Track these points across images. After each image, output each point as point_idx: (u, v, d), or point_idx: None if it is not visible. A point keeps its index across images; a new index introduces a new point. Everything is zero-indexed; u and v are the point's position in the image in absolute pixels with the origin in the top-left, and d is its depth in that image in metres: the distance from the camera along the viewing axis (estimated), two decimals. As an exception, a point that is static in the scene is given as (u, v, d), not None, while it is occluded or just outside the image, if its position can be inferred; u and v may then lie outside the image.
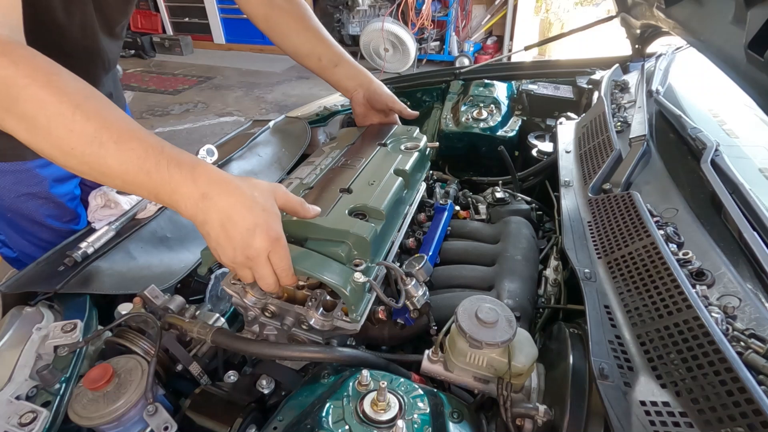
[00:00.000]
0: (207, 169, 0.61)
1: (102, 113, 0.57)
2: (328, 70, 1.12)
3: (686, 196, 0.89)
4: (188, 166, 0.59)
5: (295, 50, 1.10)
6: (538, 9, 5.96)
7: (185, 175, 0.58)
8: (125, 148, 0.56)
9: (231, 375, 0.76)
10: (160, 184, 0.58)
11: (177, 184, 0.58)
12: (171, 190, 0.59)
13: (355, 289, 0.70)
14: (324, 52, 1.10)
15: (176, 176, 0.58)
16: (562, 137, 1.30)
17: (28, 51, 0.58)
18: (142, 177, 0.57)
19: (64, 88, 0.56)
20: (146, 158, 0.57)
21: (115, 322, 0.73)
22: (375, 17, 5.89)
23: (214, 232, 0.60)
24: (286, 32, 1.08)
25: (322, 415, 0.57)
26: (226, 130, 4.35)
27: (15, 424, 0.58)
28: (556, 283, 0.95)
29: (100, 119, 0.56)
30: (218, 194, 0.59)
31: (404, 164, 0.97)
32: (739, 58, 0.77)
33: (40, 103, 0.54)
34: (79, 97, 0.56)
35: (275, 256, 0.63)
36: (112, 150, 0.56)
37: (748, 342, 0.58)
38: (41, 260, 0.87)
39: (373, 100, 1.14)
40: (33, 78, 0.54)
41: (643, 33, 1.58)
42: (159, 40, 7.20)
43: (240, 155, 1.25)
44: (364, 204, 0.83)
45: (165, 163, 0.58)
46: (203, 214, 0.60)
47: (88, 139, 0.55)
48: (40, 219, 1.08)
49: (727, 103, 1.28)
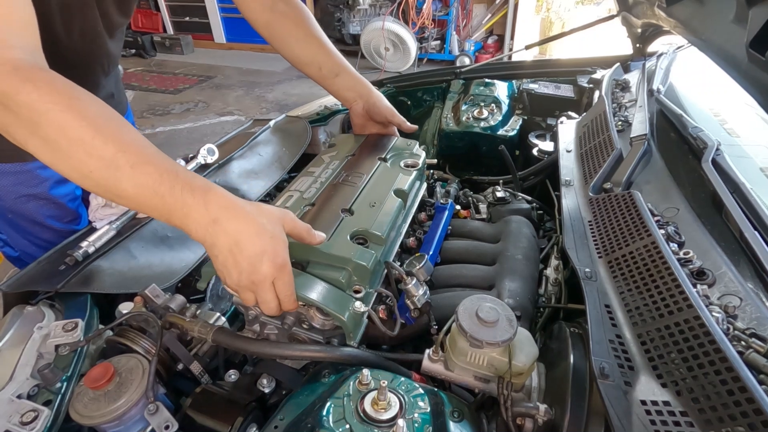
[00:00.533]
0: (219, 194, 0.62)
1: (120, 137, 0.59)
2: (329, 80, 1.12)
3: (687, 196, 0.89)
4: (201, 191, 0.61)
5: (296, 58, 1.10)
6: (539, 8, 5.95)
7: (198, 200, 0.60)
8: (141, 172, 0.59)
9: (232, 374, 0.76)
10: (174, 208, 0.60)
11: (189, 209, 0.60)
12: (183, 215, 0.61)
13: (353, 317, 0.71)
14: (325, 62, 1.10)
15: (189, 201, 0.60)
16: (563, 136, 1.30)
17: (48, 75, 0.60)
18: (156, 200, 0.60)
19: (84, 113, 0.58)
20: (161, 183, 0.59)
21: (116, 321, 0.73)
22: (375, 16, 5.88)
23: (222, 256, 0.62)
24: (287, 40, 1.09)
25: (323, 414, 0.57)
26: (227, 129, 4.35)
27: (16, 423, 0.58)
28: (556, 282, 0.95)
29: (117, 143, 0.58)
30: (228, 219, 0.61)
31: (404, 183, 0.98)
32: (741, 57, 0.77)
33: (61, 128, 0.57)
34: (98, 121, 0.59)
35: (280, 283, 0.64)
36: (128, 174, 0.58)
37: (749, 341, 0.58)
38: (42, 259, 0.87)
39: (372, 112, 1.14)
40: (54, 103, 0.57)
41: (644, 32, 1.58)
42: (160, 39, 7.20)
43: (241, 154, 1.25)
44: (366, 229, 0.83)
45: (179, 188, 0.60)
46: (212, 238, 0.61)
47: (106, 163, 0.58)
48: (40, 220, 1.08)
49: (728, 102, 1.28)
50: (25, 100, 0.57)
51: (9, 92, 0.56)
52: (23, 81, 0.57)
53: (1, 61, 0.58)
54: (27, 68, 0.59)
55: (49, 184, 1.05)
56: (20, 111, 0.57)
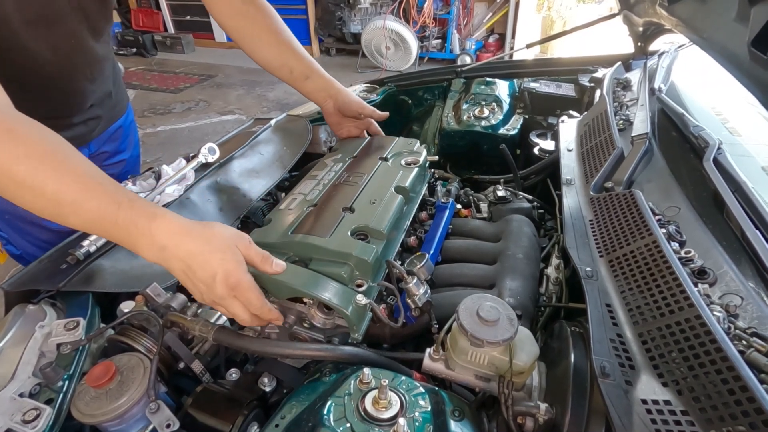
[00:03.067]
0: (165, 220, 0.63)
1: (59, 175, 0.60)
2: (299, 82, 1.15)
3: (688, 195, 0.89)
4: (145, 220, 0.62)
5: (267, 62, 1.13)
6: (540, 7, 5.94)
7: (142, 229, 0.62)
8: (83, 209, 0.61)
9: (233, 373, 0.76)
10: (120, 238, 0.63)
11: (135, 238, 0.63)
12: (131, 244, 0.63)
13: (356, 310, 0.72)
14: (295, 65, 1.13)
15: (133, 231, 0.62)
16: (564, 135, 1.29)
17: None
18: (103, 233, 0.64)
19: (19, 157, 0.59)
20: (103, 218, 0.61)
21: (117, 320, 0.73)
22: (376, 15, 5.88)
23: (181, 278, 0.65)
24: (258, 44, 1.11)
25: (324, 413, 0.57)
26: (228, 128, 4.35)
27: (18, 422, 0.58)
28: (557, 281, 0.95)
29: (57, 182, 0.60)
30: (176, 246, 0.62)
31: (405, 181, 0.99)
32: (743, 55, 0.77)
33: (3, 174, 0.59)
34: (34, 162, 0.59)
35: (242, 299, 0.65)
36: (71, 211, 0.61)
37: (750, 341, 0.58)
38: (44, 258, 0.87)
39: (343, 108, 1.17)
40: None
41: (646, 31, 1.58)
42: (160, 38, 7.20)
43: (241, 153, 1.25)
44: (366, 225, 0.85)
45: (122, 219, 0.61)
46: (165, 263, 0.64)
47: (49, 203, 0.60)
48: (38, 221, 1.08)
49: (729, 101, 1.28)
50: None
51: None
52: None
53: None
54: None
55: None
56: None
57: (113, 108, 1.22)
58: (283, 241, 0.82)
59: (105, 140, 1.22)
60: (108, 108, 1.19)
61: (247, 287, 0.65)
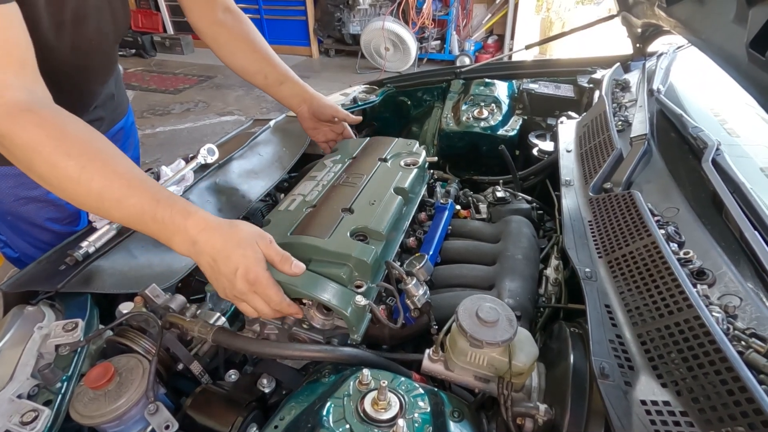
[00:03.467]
0: (198, 217, 0.68)
1: (105, 171, 0.65)
2: (274, 88, 1.17)
3: (687, 196, 0.89)
4: (181, 217, 0.67)
5: (243, 69, 1.15)
6: (539, 8, 5.95)
7: (178, 225, 0.66)
8: (126, 206, 0.65)
9: (232, 374, 0.76)
10: (158, 233, 0.68)
11: (171, 233, 0.67)
12: (167, 238, 0.68)
13: (355, 311, 0.72)
14: (270, 71, 1.15)
15: (170, 226, 0.66)
16: (563, 136, 1.30)
17: (39, 116, 0.65)
18: (143, 227, 0.68)
19: (71, 151, 0.64)
20: (144, 213, 0.66)
21: (116, 321, 0.73)
22: (376, 16, 5.88)
23: (207, 272, 0.68)
24: (234, 51, 1.14)
25: (323, 414, 0.57)
26: (227, 129, 4.35)
27: (17, 423, 0.58)
28: (556, 282, 0.95)
29: (102, 179, 0.65)
30: (205, 241, 0.66)
31: (404, 181, 0.99)
32: (741, 56, 0.77)
33: (51, 167, 0.63)
34: (83, 159, 0.64)
35: (261, 294, 0.68)
36: (114, 206, 0.65)
37: (749, 341, 0.58)
38: (42, 259, 0.87)
39: (317, 113, 1.19)
40: (43, 145, 0.63)
41: (645, 32, 1.58)
42: (160, 39, 7.20)
43: (241, 154, 1.25)
44: (365, 226, 0.85)
45: (160, 216, 0.66)
46: (195, 257, 0.68)
47: (94, 197, 0.65)
48: (39, 222, 1.08)
49: (728, 102, 1.28)
50: (18, 143, 0.63)
51: (5, 134, 0.63)
52: (14, 124, 0.62)
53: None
54: (19, 111, 0.63)
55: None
56: (15, 152, 0.64)
57: (115, 110, 1.22)
58: (282, 242, 0.82)
59: None
60: (110, 110, 1.19)
61: (266, 284, 0.67)
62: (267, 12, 6.66)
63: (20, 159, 0.65)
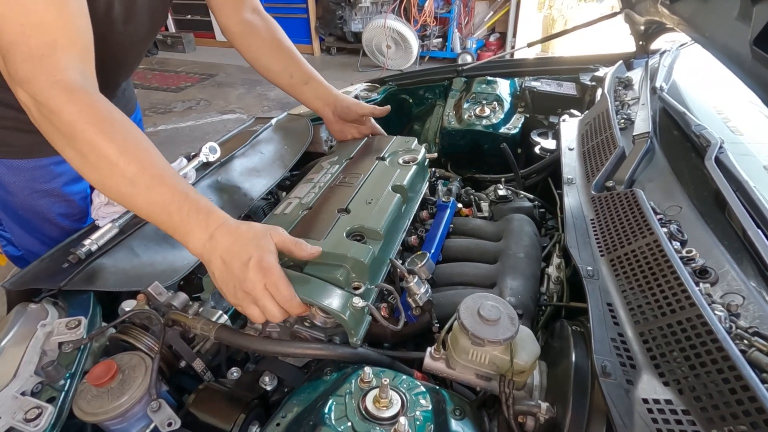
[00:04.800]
0: (218, 215, 0.70)
1: (142, 159, 0.68)
2: (298, 88, 1.19)
3: (690, 194, 0.89)
4: (204, 212, 0.69)
5: (267, 68, 1.17)
6: (542, 5, 5.92)
7: (200, 220, 0.68)
8: (155, 192, 0.67)
9: (234, 371, 0.76)
10: (178, 225, 0.68)
11: (192, 227, 0.68)
12: (186, 231, 0.68)
13: (354, 314, 0.71)
14: (295, 71, 1.17)
15: (193, 220, 0.68)
16: (565, 134, 1.29)
17: (91, 98, 0.69)
18: (165, 217, 0.68)
19: (114, 136, 0.67)
20: (171, 202, 0.67)
21: (119, 319, 0.74)
22: (377, 14, 5.86)
23: (217, 270, 0.67)
24: (260, 50, 1.16)
25: (325, 412, 0.57)
26: (229, 127, 4.35)
27: (20, 420, 0.59)
28: (558, 280, 0.95)
29: (138, 165, 0.67)
30: (222, 235, 0.67)
31: (402, 179, 0.98)
32: (745, 54, 0.77)
33: (92, 146, 0.66)
34: (125, 144, 0.67)
35: (271, 287, 0.66)
36: (143, 192, 0.67)
37: (752, 340, 0.57)
38: (45, 257, 0.88)
39: (342, 114, 1.19)
40: (90, 125, 0.66)
41: (648, 29, 1.57)
42: (161, 37, 7.20)
43: (242, 153, 1.25)
44: (362, 225, 0.83)
45: (186, 209, 0.68)
46: (208, 253, 0.68)
47: (126, 181, 0.67)
48: (51, 216, 1.09)
49: (731, 99, 1.28)
50: (66, 119, 0.65)
51: (54, 110, 0.65)
52: (68, 101, 0.65)
53: (54, 80, 0.66)
54: (75, 90, 0.67)
55: (62, 180, 1.06)
56: (61, 126, 0.66)
57: (125, 106, 1.24)
58: None
59: None
60: (122, 104, 1.21)
61: (278, 275, 0.67)
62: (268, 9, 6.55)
63: (63, 134, 0.67)
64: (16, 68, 0.66)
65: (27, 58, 0.66)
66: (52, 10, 0.67)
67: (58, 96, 0.65)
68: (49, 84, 0.65)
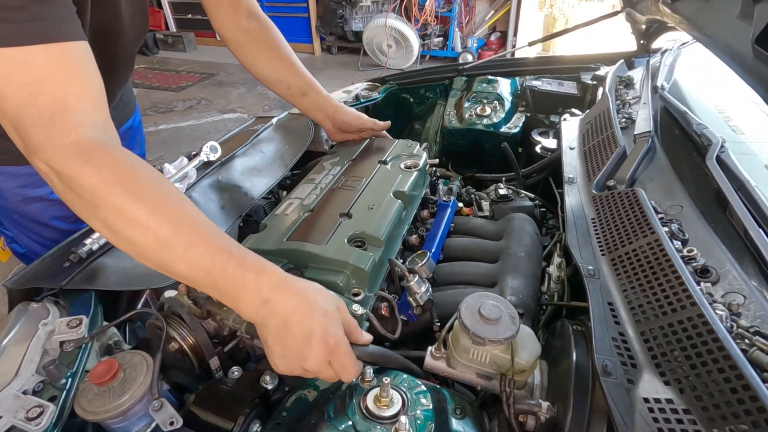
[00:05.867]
0: (272, 273, 0.61)
1: (175, 218, 0.59)
2: (297, 99, 1.17)
3: (691, 193, 0.89)
4: (254, 272, 0.60)
5: (266, 77, 1.14)
6: (543, 4, 5.91)
7: (249, 282, 0.59)
8: (194, 254, 0.58)
9: (235, 370, 0.76)
10: (225, 289, 0.60)
11: (240, 291, 0.59)
12: (234, 296, 0.60)
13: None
14: (294, 81, 1.14)
15: (240, 283, 0.59)
16: (566, 134, 1.29)
17: (111, 155, 0.60)
18: (209, 281, 0.59)
19: (142, 194, 0.59)
20: (213, 264, 0.59)
21: (121, 318, 0.74)
22: (378, 13, 5.86)
23: (271, 340, 0.60)
24: (258, 59, 1.12)
25: (326, 411, 0.57)
26: (230, 126, 4.35)
27: (22, 419, 0.59)
28: (559, 280, 0.95)
29: (172, 225, 0.59)
30: (279, 300, 0.59)
31: (403, 185, 0.98)
32: (746, 53, 0.76)
33: (119, 212, 0.58)
34: (155, 202, 0.59)
35: (337, 365, 0.59)
36: (181, 255, 0.58)
37: (753, 339, 0.57)
38: (46, 256, 0.88)
39: (342, 127, 1.19)
40: (113, 186, 0.58)
41: (649, 28, 1.57)
42: (162, 36, 7.21)
43: (243, 152, 1.25)
44: (363, 232, 0.84)
45: (231, 269, 0.59)
46: (262, 319, 0.60)
47: (160, 245, 0.58)
48: (45, 220, 1.08)
49: (733, 99, 1.27)
50: (86, 184, 0.58)
51: (72, 176, 0.58)
52: (86, 164, 0.58)
53: (69, 142, 0.59)
54: (91, 149, 0.60)
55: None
56: (83, 193, 0.58)
57: (124, 109, 1.23)
58: (279, 248, 0.81)
59: None
60: (120, 109, 1.20)
61: (346, 352, 0.60)
62: (269, 9, 6.65)
63: (87, 202, 0.59)
64: (29, 135, 0.59)
65: (37, 121, 0.58)
66: (55, 61, 0.59)
67: (75, 159, 0.58)
68: (65, 147, 0.58)
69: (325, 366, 0.59)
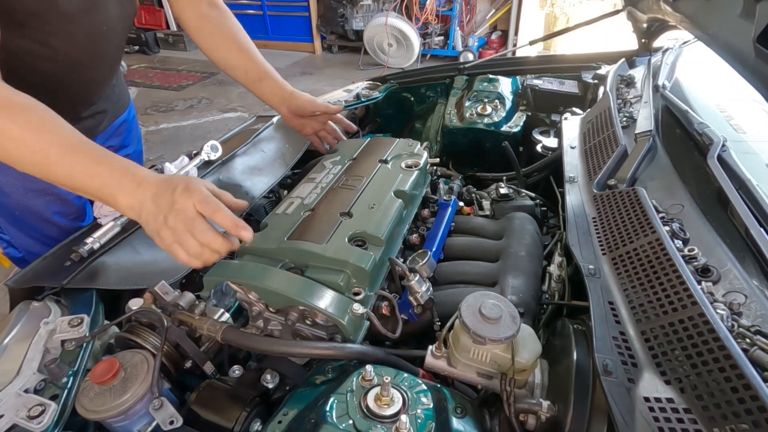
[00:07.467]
0: (143, 168, 0.72)
1: (49, 133, 0.68)
2: (253, 84, 1.19)
3: (692, 192, 0.89)
4: (131, 166, 0.70)
5: (224, 62, 1.17)
6: (544, 3, 5.90)
7: (126, 173, 0.69)
8: (72, 160, 0.68)
9: (236, 369, 0.76)
10: (105, 183, 0.69)
11: (120, 179, 0.69)
12: (113, 188, 0.69)
13: (353, 320, 0.71)
14: (250, 67, 1.17)
15: (116, 175, 0.69)
16: (567, 133, 1.29)
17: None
18: (88, 180, 0.69)
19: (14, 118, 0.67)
20: (91, 165, 0.68)
21: (122, 317, 0.74)
22: (379, 12, 5.86)
23: (150, 215, 0.68)
24: (216, 44, 1.15)
25: (326, 410, 0.57)
26: (230, 125, 4.35)
27: (24, 417, 0.59)
28: (560, 279, 0.95)
29: (47, 140, 0.67)
30: (151, 179, 0.70)
31: (404, 184, 0.98)
32: (748, 52, 0.76)
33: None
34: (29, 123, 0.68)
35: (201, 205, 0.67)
36: (59, 162, 0.67)
37: (754, 339, 0.57)
38: (48, 255, 0.88)
39: (297, 111, 1.21)
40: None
41: (650, 27, 1.57)
42: (163, 35, 7.20)
43: (244, 151, 1.25)
44: (364, 231, 0.84)
45: (107, 165, 0.69)
46: (139, 202, 0.69)
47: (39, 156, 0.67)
48: (47, 216, 1.09)
49: (734, 98, 1.27)
50: None
51: None
52: None
53: None
54: None
55: None
56: None
57: (117, 102, 1.23)
58: (279, 248, 0.81)
59: (111, 134, 1.24)
60: (112, 102, 1.20)
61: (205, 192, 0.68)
62: (270, 8, 6.64)
63: None
64: None
65: None
66: None
67: None
68: None
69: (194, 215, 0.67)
